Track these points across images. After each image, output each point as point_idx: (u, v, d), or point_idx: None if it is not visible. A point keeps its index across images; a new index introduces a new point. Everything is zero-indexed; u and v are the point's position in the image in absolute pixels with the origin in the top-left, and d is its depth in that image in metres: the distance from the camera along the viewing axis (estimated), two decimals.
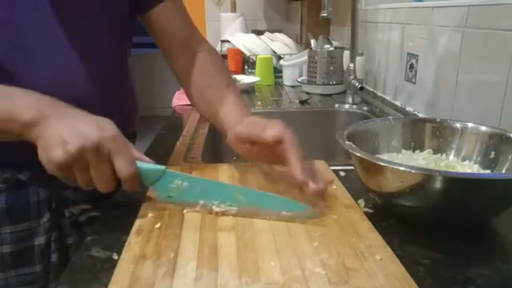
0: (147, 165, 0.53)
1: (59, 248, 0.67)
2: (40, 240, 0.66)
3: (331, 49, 1.44)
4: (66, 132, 0.48)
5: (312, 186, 0.52)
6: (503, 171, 0.57)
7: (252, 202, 0.53)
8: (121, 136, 0.50)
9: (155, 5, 0.72)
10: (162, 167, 0.54)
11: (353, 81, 1.21)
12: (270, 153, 0.57)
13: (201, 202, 0.54)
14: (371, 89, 1.43)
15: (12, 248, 0.64)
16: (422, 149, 0.65)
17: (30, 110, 0.50)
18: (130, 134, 0.79)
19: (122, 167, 0.49)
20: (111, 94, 0.69)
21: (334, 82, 1.44)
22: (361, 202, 0.58)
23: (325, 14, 1.06)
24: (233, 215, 0.53)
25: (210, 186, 0.55)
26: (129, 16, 0.72)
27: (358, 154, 0.53)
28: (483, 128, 0.61)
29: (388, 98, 1.29)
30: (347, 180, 0.64)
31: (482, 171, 0.59)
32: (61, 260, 0.67)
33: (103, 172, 0.49)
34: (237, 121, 0.62)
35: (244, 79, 1.61)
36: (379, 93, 1.37)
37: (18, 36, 0.59)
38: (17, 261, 0.65)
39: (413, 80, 1.11)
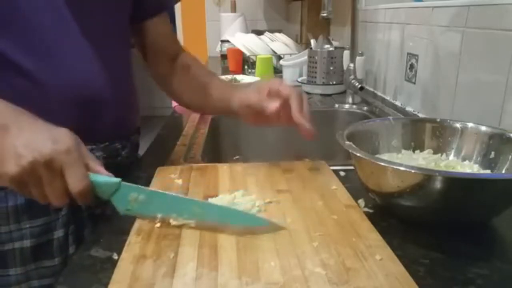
0: (101, 178, 0.51)
1: (76, 240, 0.68)
2: (59, 234, 0.67)
3: (331, 49, 1.44)
4: (20, 145, 0.47)
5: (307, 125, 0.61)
6: (503, 171, 0.57)
7: (210, 216, 0.51)
8: (77, 148, 0.49)
9: (152, 17, 0.77)
10: (117, 180, 0.52)
11: (353, 81, 1.21)
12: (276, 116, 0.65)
13: (159, 215, 0.52)
14: (371, 89, 1.43)
15: (33, 243, 0.65)
16: (422, 149, 0.65)
17: None
18: (135, 130, 0.81)
19: (73, 183, 0.48)
20: (121, 91, 0.70)
21: (334, 82, 1.44)
22: (361, 202, 0.58)
23: (325, 14, 1.06)
24: (193, 228, 0.51)
25: (167, 199, 0.53)
26: (128, 17, 0.74)
27: (358, 154, 0.53)
28: (483, 128, 0.61)
29: (388, 98, 1.29)
30: (347, 180, 0.64)
31: (482, 171, 0.59)
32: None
33: (56, 187, 0.48)
34: (233, 94, 0.72)
35: (244, 79, 1.61)
36: (379, 93, 1.37)
37: (34, 36, 0.60)
38: (38, 254, 0.65)
39: (413, 80, 1.11)
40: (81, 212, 0.69)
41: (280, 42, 1.95)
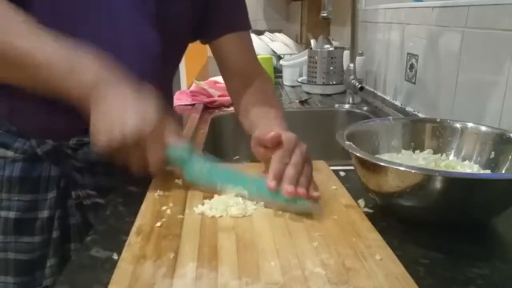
0: (176, 151, 0.58)
1: (61, 226, 0.69)
2: (43, 214, 0.68)
3: (331, 49, 1.44)
4: (114, 117, 0.53)
5: (286, 187, 0.52)
6: (503, 171, 0.57)
7: (263, 193, 0.55)
8: (160, 124, 0.55)
9: (219, 37, 0.77)
10: (189, 152, 0.60)
11: (353, 81, 1.21)
12: None
13: (219, 185, 0.59)
14: (371, 89, 1.43)
15: (17, 215, 0.67)
16: (422, 149, 0.65)
17: (91, 74, 0.54)
18: None
19: (152, 159, 0.56)
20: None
21: (334, 82, 1.44)
22: (361, 202, 0.58)
23: (325, 14, 1.07)
24: (242, 197, 0.56)
25: (227, 174, 0.61)
26: (187, 40, 0.77)
27: (358, 154, 0.53)
28: (483, 128, 0.61)
29: (388, 98, 1.29)
30: (347, 180, 0.64)
31: (482, 171, 0.59)
32: (61, 237, 0.70)
33: (139, 158, 0.55)
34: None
35: None
36: (379, 93, 1.37)
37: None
38: (19, 228, 0.67)
39: (413, 80, 1.11)
40: (70, 200, 0.70)
41: (280, 42, 1.95)
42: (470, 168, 0.60)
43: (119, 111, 0.53)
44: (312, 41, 1.56)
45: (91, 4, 0.62)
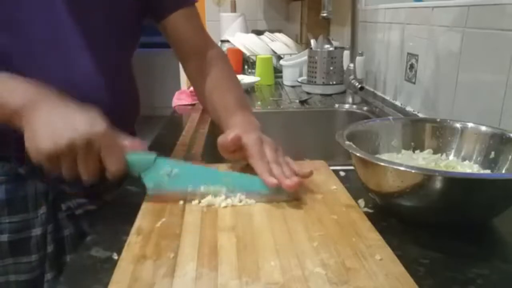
0: (137, 155, 0.54)
1: (55, 240, 0.69)
2: (36, 231, 0.67)
3: (331, 49, 1.44)
4: (56, 123, 0.48)
5: (286, 182, 0.55)
6: (503, 171, 0.57)
7: (240, 185, 0.56)
8: (110, 130, 0.51)
9: (171, 13, 0.75)
10: (152, 156, 0.55)
11: (353, 81, 1.21)
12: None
13: (190, 188, 0.56)
14: (371, 89, 1.43)
15: (10, 238, 0.66)
16: (422, 149, 0.65)
17: (19, 96, 0.51)
18: (129, 134, 0.80)
19: (110, 164, 0.51)
20: (116, 94, 0.69)
21: (334, 82, 1.44)
22: (361, 202, 0.58)
23: (325, 14, 1.06)
24: (219, 196, 0.56)
25: (198, 172, 0.58)
26: (136, 21, 0.73)
27: (358, 154, 0.53)
28: (483, 128, 0.61)
29: (388, 98, 1.29)
30: (347, 180, 0.64)
31: (482, 171, 0.59)
32: (56, 251, 0.69)
33: (90, 164, 0.50)
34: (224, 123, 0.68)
35: (244, 79, 1.60)
36: (379, 93, 1.37)
37: (26, 34, 0.60)
38: (15, 250, 0.66)
39: (413, 80, 1.11)
40: (61, 212, 0.69)
41: (280, 42, 1.95)
42: (470, 168, 0.60)
43: (62, 115, 0.50)
44: (312, 41, 1.56)
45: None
